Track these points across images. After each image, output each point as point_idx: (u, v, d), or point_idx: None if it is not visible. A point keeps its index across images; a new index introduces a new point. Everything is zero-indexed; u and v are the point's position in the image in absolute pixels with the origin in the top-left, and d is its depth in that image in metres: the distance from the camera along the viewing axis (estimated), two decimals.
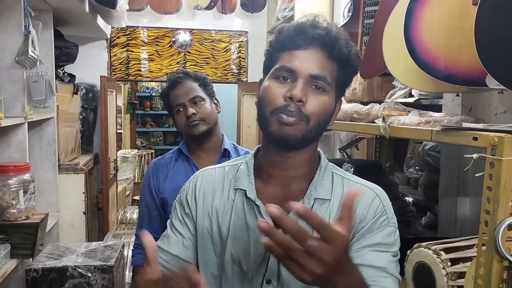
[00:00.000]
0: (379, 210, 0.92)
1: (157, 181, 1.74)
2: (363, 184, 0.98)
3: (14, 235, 1.96)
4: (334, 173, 0.99)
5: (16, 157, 2.14)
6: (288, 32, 0.92)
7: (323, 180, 0.96)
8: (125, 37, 4.05)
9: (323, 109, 0.90)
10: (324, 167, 0.98)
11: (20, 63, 2.11)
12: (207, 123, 1.70)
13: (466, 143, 1.06)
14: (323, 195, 0.94)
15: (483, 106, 1.77)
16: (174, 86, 1.72)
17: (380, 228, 0.90)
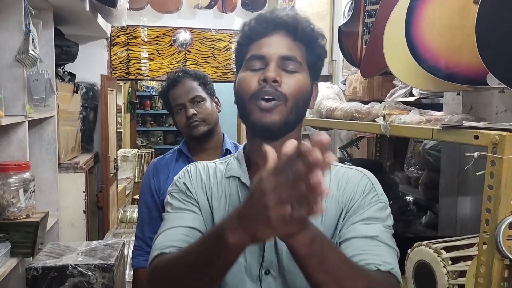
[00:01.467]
0: (367, 187, 0.93)
1: (157, 182, 1.72)
2: (349, 168, 1.00)
3: (14, 233, 1.96)
4: None
5: (17, 155, 2.14)
6: (251, 24, 0.96)
7: None
8: (125, 36, 4.05)
9: (300, 88, 0.92)
10: None
11: (20, 61, 2.10)
12: (208, 123, 1.68)
13: (467, 142, 1.06)
14: None
15: (484, 105, 1.77)
16: (173, 85, 1.70)
17: (371, 204, 0.91)
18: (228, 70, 4.26)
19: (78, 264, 2.06)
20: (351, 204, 0.93)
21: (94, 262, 2.09)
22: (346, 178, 0.96)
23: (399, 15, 1.44)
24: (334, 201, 0.94)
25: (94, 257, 2.16)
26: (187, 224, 0.95)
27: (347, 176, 0.96)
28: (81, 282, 2.04)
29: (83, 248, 2.27)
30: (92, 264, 2.07)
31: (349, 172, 0.97)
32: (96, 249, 2.26)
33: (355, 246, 0.86)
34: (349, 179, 0.95)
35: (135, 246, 1.75)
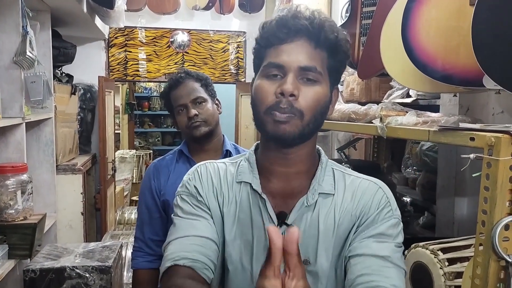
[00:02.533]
0: (383, 202, 0.92)
1: (158, 183, 1.71)
2: (364, 178, 0.97)
3: (12, 235, 1.96)
4: (334, 169, 0.99)
5: (14, 157, 2.14)
6: (271, 27, 0.91)
7: (325, 176, 0.96)
8: (123, 37, 4.05)
9: (317, 101, 0.89)
10: (325, 162, 0.98)
11: (18, 63, 2.10)
12: (209, 124, 1.68)
13: (463, 143, 1.07)
14: (327, 189, 0.94)
15: (480, 107, 1.77)
16: (175, 86, 1.70)
17: (384, 220, 0.90)
18: (225, 71, 4.26)
19: (75, 266, 2.06)
20: (364, 218, 0.91)
21: (91, 264, 2.09)
22: (361, 189, 0.94)
23: (395, 17, 1.45)
24: (347, 213, 0.93)
25: (91, 258, 2.15)
26: (201, 234, 0.92)
27: (363, 187, 0.95)
28: (79, 284, 2.04)
29: (81, 250, 2.26)
30: (90, 266, 2.07)
31: (364, 184, 0.95)
32: (93, 250, 2.26)
33: (366, 264, 0.85)
34: (364, 191, 0.94)
35: (134, 247, 1.75)
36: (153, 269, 1.71)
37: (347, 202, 0.93)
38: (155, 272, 1.72)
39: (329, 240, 0.92)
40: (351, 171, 1.01)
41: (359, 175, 0.99)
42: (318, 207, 0.93)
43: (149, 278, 1.71)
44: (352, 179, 0.97)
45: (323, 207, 0.93)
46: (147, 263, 1.70)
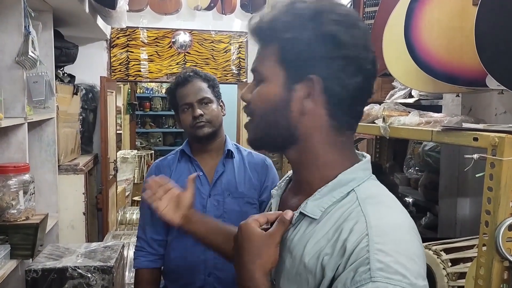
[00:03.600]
0: (360, 249, 0.69)
1: None
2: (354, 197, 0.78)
3: (14, 235, 1.95)
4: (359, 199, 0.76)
5: (16, 157, 2.14)
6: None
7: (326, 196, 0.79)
8: (125, 37, 4.05)
9: (264, 99, 0.82)
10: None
11: (20, 63, 2.10)
12: (213, 125, 1.68)
13: (467, 144, 1.06)
14: (310, 211, 0.79)
15: (483, 107, 1.77)
16: (183, 84, 1.70)
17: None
18: (227, 72, 4.26)
19: (77, 266, 2.06)
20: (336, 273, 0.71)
21: (93, 264, 2.09)
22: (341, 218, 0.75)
23: (398, 17, 1.44)
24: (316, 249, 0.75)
25: (93, 259, 2.15)
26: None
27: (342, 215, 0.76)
28: (81, 284, 2.04)
29: (83, 250, 2.27)
30: (92, 266, 2.07)
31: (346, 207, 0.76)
32: (95, 251, 2.26)
33: None
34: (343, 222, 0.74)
35: (136, 246, 1.76)
36: (155, 268, 1.71)
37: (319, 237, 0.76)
38: (157, 272, 1.72)
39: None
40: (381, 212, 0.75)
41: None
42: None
43: (151, 277, 1.71)
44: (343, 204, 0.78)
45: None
46: (149, 263, 1.71)
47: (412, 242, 0.71)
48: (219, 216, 1.64)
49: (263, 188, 1.72)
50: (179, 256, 1.67)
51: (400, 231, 0.71)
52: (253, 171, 1.73)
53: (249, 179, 1.71)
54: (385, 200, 0.76)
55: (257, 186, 1.72)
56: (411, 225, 0.74)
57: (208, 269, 1.64)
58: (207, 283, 1.64)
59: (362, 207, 0.73)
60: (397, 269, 0.65)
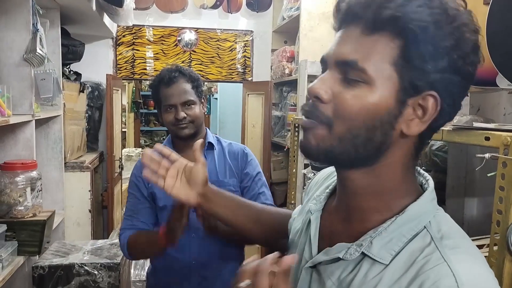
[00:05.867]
0: None
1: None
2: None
3: (21, 232, 1.96)
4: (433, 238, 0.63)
5: (23, 154, 2.15)
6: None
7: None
8: (130, 35, 4.06)
9: (366, 109, 0.64)
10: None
11: (28, 60, 2.11)
12: (195, 125, 1.73)
13: (478, 143, 1.06)
14: (377, 254, 0.65)
15: (492, 106, 1.77)
16: (167, 84, 1.72)
17: None
18: (233, 70, 4.26)
19: (84, 263, 2.07)
20: None
21: (100, 261, 2.10)
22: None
23: None
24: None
25: (100, 256, 2.16)
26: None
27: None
28: (87, 281, 2.05)
29: (89, 247, 2.28)
30: (98, 263, 2.08)
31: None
32: (102, 248, 2.27)
33: None
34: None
35: (120, 236, 1.71)
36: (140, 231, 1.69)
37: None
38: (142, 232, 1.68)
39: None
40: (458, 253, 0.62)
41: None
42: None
43: (142, 239, 1.66)
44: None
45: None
46: (134, 231, 1.68)
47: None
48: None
49: (243, 175, 1.77)
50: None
51: (492, 285, 0.60)
52: (232, 159, 1.79)
53: (229, 168, 1.77)
54: (462, 244, 0.63)
55: (238, 174, 1.77)
56: (493, 275, 0.63)
57: (192, 257, 1.69)
58: (192, 270, 1.68)
59: (442, 252, 0.60)
60: None
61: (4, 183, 1.97)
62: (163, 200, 1.69)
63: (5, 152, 2.13)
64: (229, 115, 6.78)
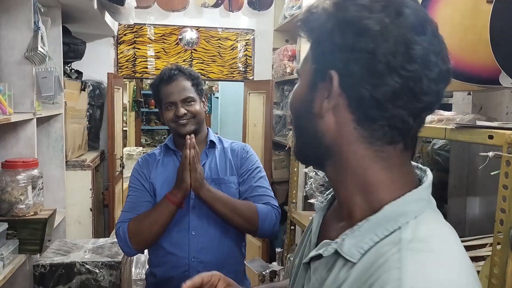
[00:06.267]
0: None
1: (147, 171, 1.79)
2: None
3: (22, 230, 1.96)
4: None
5: (25, 152, 2.15)
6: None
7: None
8: (132, 34, 4.05)
9: (294, 99, 0.75)
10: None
11: (29, 59, 2.11)
12: (196, 122, 1.74)
13: (482, 141, 1.05)
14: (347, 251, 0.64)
15: (494, 105, 1.76)
16: (167, 81, 1.74)
17: None
18: (234, 69, 4.26)
19: (85, 261, 2.07)
20: None
21: (101, 259, 2.09)
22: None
23: None
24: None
25: (101, 254, 2.16)
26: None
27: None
28: (88, 279, 2.05)
29: (90, 246, 2.27)
30: (100, 261, 2.08)
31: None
32: (103, 246, 2.27)
33: None
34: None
35: (117, 229, 1.73)
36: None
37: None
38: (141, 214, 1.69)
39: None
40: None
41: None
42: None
43: (145, 216, 1.67)
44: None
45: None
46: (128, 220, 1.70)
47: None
48: (203, 203, 1.69)
49: (240, 170, 1.79)
50: (163, 242, 1.71)
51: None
52: (233, 157, 1.80)
53: (230, 165, 1.78)
54: (435, 246, 0.59)
55: (237, 170, 1.79)
56: (466, 283, 0.57)
57: (191, 254, 1.69)
58: (191, 267, 1.69)
59: (403, 255, 0.57)
60: None
61: (5, 181, 1.96)
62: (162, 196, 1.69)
63: (6, 150, 2.13)
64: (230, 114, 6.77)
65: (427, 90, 0.63)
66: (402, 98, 0.62)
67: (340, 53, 0.64)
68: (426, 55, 0.62)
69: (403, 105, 0.63)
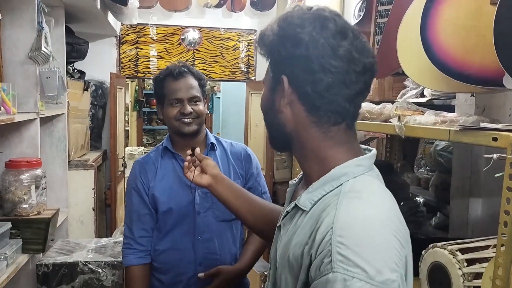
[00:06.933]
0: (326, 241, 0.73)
1: (146, 179, 1.72)
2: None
3: (25, 230, 1.97)
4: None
5: (28, 152, 2.15)
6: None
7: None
8: (134, 34, 4.06)
9: (262, 101, 0.97)
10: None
11: (33, 58, 2.11)
12: (199, 123, 1.71)
13: (486, 143, 1.06)
14: (302, 203, 0.85)
15: (497, 107, 1.76)
16: (176, 78, 1.69)
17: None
18: (236, 69, 4.26)
19: (88, 261, 2.07)
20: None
21: (104, 259, 2.10)
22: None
23: (413, 15, 1.44)
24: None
25: (104, 254, 2.17)
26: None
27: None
28: (91, 279, 2.06)
29: (93, 245, 2.28)
30: (102, 261, 2.08)
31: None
32: (106, 246, 2.27)
33: None
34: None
35: (124, 244, 1.74)
36: (145, 264, 1.71)
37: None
38: (147, 267, 1.71)
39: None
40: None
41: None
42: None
43: (143, 273, 1.70)
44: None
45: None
46: (139, 259, 1.70)
47: (379, 235, 0.72)
48: (208, 207, 1.68)
49: (248, 176, 1.76)
50: (169, 248, 1.69)
51: (367, 224, 0.72)
52: (236, 160, 1.76)
53: (233, 169, 1.74)
54: (365, 194, 0.78)
55: (242, 175, 1.75)
56: (385, 218, 0.75)
57: (198, 259, 1.67)
58: (198, 272, 1.66)
59: (339, 200, 0.77)
60: (356, 262, 0.68)
61: (9, 181, 1.97)
62: (166, 204, 1.67)
63: (9, 149, 2.14)
64: (232, 114, 6.77)
65: (355, 80, 0.82)
66: (335, 88, 0.81)
67: (286, 61, 0.84)
68: (349, 54, 0.80)
69: (338, 93, 0.82)
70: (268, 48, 0.88)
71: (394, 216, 0.77)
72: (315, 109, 0.83)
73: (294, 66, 0.83)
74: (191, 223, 1.68)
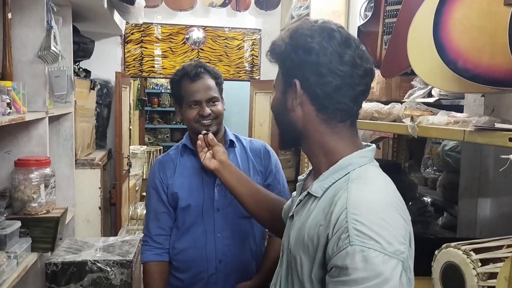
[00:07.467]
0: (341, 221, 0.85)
1: (164, 177, 1.73)
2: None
3: (35, 228, 1.97)
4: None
5: (37, 151, 2.15)
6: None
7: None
8: (139, 33, 4.06)
9: (273, 104, 1.08)
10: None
11: (42, 58, 2.11)
12: (218, 123, 1.69)
13: (501, 144, 1.06)
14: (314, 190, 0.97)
15: (507, 107, 1.76)
16: (193, 79, 1.67)
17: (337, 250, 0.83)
18: (240, 69, 4.26)
19: (97, 260, 2.07)
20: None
21: (112, 258, 2.10)
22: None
23: (424, 15, 1.44)
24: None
25: (112, 253, 2.17)
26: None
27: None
28: (100, 277, 2.06)
29: (101, 244, 2.28)
30: (111, 260, 2.08)
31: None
32: (114, 245, 2.28)
33: None
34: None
35: (143, 241, 1.78)
36: (163, 261, 1.72)
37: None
38: (165, 264, 1.73)
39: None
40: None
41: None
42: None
43: (160, 269, 1.72)
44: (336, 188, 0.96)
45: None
46: (156, 256, 1.72)
47: (387, 214, 0.84)
48: (228, 204, 1.68)
49: (268, 173, 1.77)
50: (189, 247, 1.69)
51: (377, 205, 0.85)
52: (255, 157, 1.77)
53: (253, 166, 1.75)
54: (370, 181, 0.92)
55: (262, 172, 1.76)
56: (391, 200, 0.88)
57: (218, 257, 1.67)
58: (218, 269, 1.67)
59: (349, 185, 0.90)
60: (371, 235, 0.80)
61: (18, 179, 1.97)
62: (185, 200, 1.68)
63: (18, 148, 2.14)
64: (234, 114, 6.77)
65: (358, 82, 0.95)
66: (342, 90, 0.94)
67: (298, 67, 0.96)
68: (353, 60, 0.94)
69: (344, 94, 0.95)
70: (280, 56, 1.00)
71: (397, 199, 0.90)
72: (324, 108, 0.96)
73: (306, 71, 0.95)
74: (210, 220, 1.68)
